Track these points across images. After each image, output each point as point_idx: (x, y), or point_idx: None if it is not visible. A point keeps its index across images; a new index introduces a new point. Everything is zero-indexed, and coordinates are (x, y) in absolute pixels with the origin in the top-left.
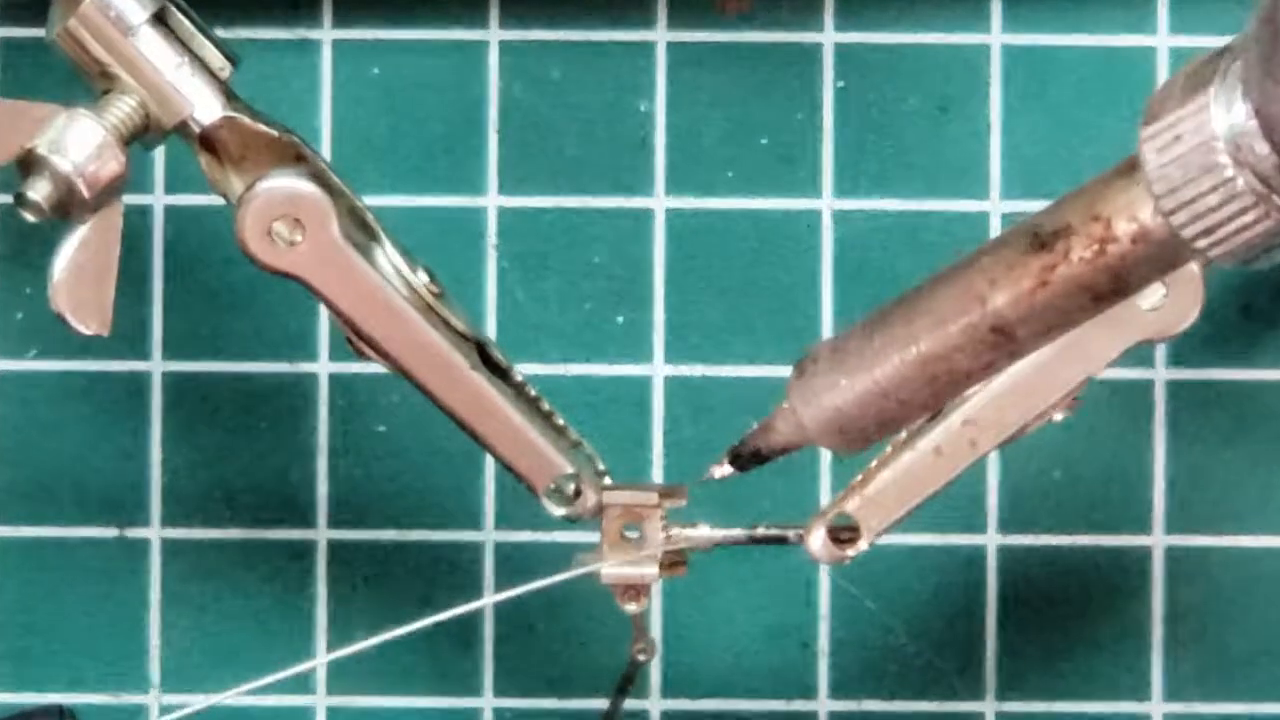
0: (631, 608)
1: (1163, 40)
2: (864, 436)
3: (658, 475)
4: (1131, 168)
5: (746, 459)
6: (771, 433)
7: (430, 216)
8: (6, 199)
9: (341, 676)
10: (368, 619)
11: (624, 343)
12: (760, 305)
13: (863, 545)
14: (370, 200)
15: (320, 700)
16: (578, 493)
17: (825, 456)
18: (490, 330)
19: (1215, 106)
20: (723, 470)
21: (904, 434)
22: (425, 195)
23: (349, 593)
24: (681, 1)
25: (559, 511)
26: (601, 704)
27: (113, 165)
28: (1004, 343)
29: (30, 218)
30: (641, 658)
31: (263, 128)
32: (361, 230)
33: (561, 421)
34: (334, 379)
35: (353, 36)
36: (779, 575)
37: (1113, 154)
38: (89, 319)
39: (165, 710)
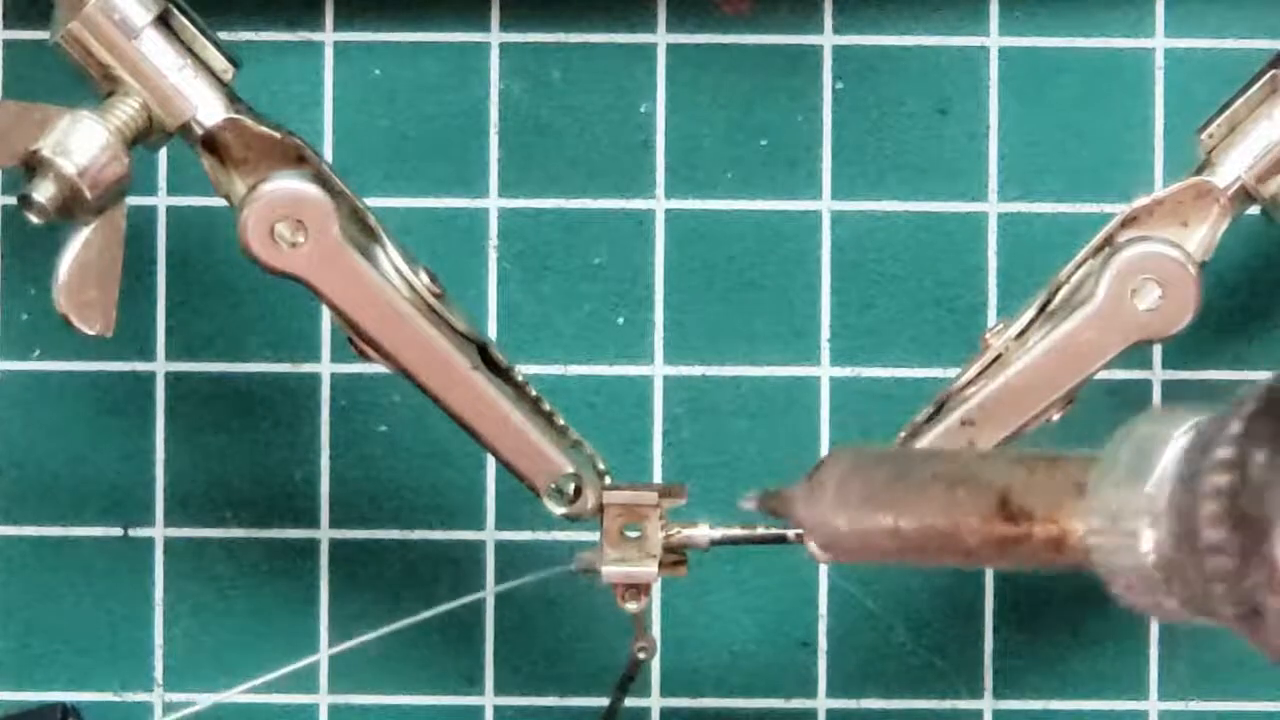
0: (632, 606)
1: (1160, 43)
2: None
3: (658, 475)
4: (1082, 492)
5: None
6: (786, 511)
7: (431, 217)
8: (11, 200)
9: (343, 675)
10: (370, 618)
11: (624, 343)
12: (760, 305)
13: None
14: (372, 201)
15: (323, 699)
16: (578, 492)
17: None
18: (491, 331)
19: (1149, 531)
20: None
21: (903, 434)
22: (426, 196)
23: (351, 592)
24: (681, 3)
25: (560, 511)
26: (602, 702)
27: (116, 167)
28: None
29: (34, 219)
30: (642, 656)
31: (265, 129)
32: (363, 231)
33: (562, 421)
34: (336, 379)
35: (354, 38)
36: (778, 575)
37: (1109, 156)
38: (93, 320)
39: (169, 708)
